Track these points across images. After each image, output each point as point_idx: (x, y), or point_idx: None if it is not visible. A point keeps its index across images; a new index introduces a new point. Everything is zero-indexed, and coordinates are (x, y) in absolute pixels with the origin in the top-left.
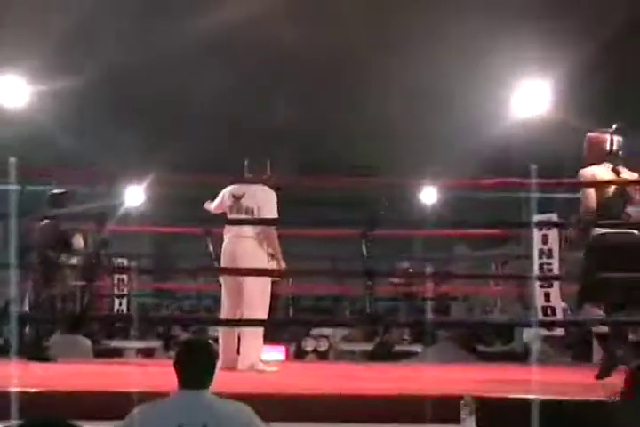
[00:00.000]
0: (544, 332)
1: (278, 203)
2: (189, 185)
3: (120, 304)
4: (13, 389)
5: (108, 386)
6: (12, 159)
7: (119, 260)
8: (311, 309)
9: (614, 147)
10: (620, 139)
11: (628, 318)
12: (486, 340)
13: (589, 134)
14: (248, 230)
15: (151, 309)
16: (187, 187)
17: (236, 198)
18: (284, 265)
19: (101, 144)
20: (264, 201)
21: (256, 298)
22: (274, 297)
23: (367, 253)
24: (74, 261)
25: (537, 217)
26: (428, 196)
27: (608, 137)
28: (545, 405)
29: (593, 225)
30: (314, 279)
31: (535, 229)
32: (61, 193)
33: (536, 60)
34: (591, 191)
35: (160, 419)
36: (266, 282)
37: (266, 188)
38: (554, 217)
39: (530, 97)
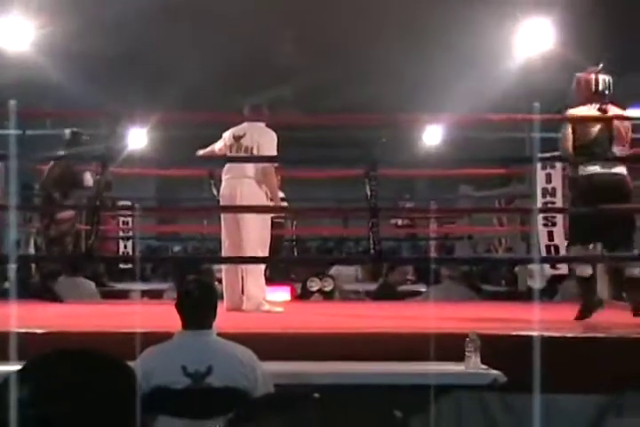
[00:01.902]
0: (549, 270)
1: (279, 144)
2: (192, 125)
3: (125, 247)
4: (19, 329)
5: (114, 326)
6: (13, 102)
7: (123, 203)
8: (316, 250)
9: (600, 86)
10: (607, 77)
11: (623, 254)
12: (491, 279)
13: (577, 75)
14: (247, 170)
15: (156, 251)
16: (190, 128)
17: (236, 138)
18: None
19: (105, 89)
20: (263, 140)
21: (255, 238)
22: (278, 239)
23: (371, 194)
24: (82, 201)
25: (540, 155)
26: (432, 136)
27: (593, 76)
28: (550, 342)
29: (579, 165)
30: (318, 222)
31: (539, 168)
32: (79, 132)
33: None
34: (568, 133)
35: (165, 361)
36: (265, 222)
37: (266, 128)
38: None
39: (532, 35)
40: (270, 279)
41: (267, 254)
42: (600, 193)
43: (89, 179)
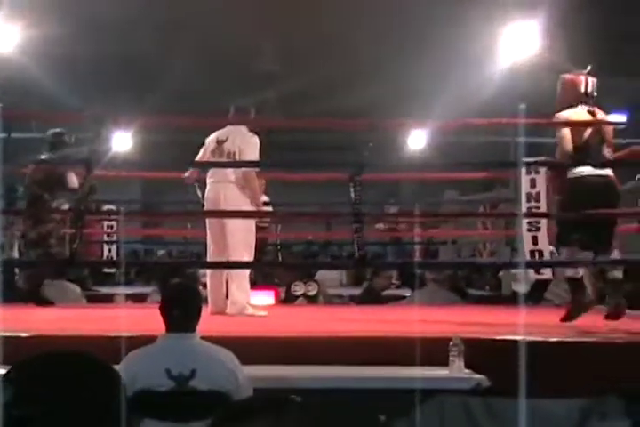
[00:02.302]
0: (533, 275)
1: (262, 147)
2: (176, 128)
3: (109, 251)
4: (4, 333)
5: (99, 330)
6: None
7: (108, 206)
8: (300, 254)
9: (589, 88)
10: (595, 80)
11: (610, 258)
12: (475, 283)
13: (563, 76)
14: (229, 175)
15: (140, 255)
16: (174, 132)
17: (219, 142)
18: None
19: (89, 92)
20: (245, 144)
21: (240, 242)
22: (263, 243)
23: (355, 198)
24: (66, 206)
25: (525, 160)
26: (417, 140)
27: (583, 78)
28: (533, 346)
29: (570, 167)
30: (303, 226)
31: (523, 173)
32: (62, 133)
33: (524, 1)
34: (567, 134)
35: (149, 364)
36: (249, 226)
37: (248, 132)
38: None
39: (518, 39)
40: (254, 283)
41: (252, 258)
42: (590, 194)
43: (74, 180)
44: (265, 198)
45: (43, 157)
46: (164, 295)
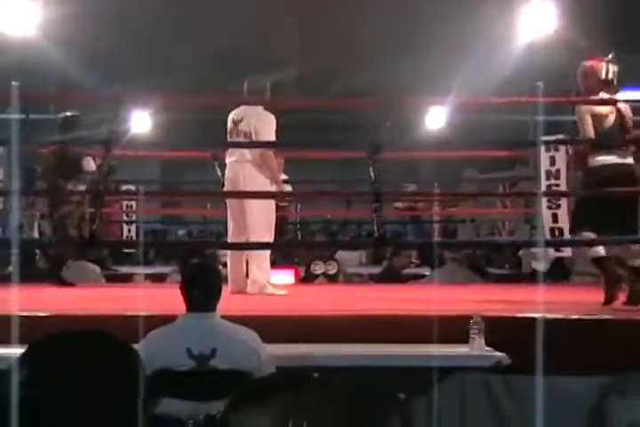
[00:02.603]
0: (552, 253)
1: (279, 126)
2: (194, 108)
3: (129, 231)
4: (23, 313)
5: (118, 310)
6: (15, 83)
7: (127, 186)
8: (319, 232)
9: (610, 76)
10: (616, 68)
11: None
12: (495, 262)
13: (584, 64)
14: (246, 154)
15: (160, 235)
16: (193, 112)
17: (235, 123)
18: (285, 189)
19: (108, 73)
20: (261, 124)
21: (260, 222)
22: (282, 222)
23: (375, 177)
24: (82, 187)
25: (544, 138)
26: (436, 119)
27: (604, 65)
28: (553, 324)
29: (591, 152)
30: (322, 205)
31: (542, 151)
32: (73, 115)
33: None
34: (588, 118)
35: (170, 344)
36: (269, 206)
37: (264, 111)
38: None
39: (537, 17)
40: (274, 262)
41: (272, 238)
42: (615, 183)
43: (90, 164)
44: (284, 177)
45: (57, 139)
46: (184, 275)
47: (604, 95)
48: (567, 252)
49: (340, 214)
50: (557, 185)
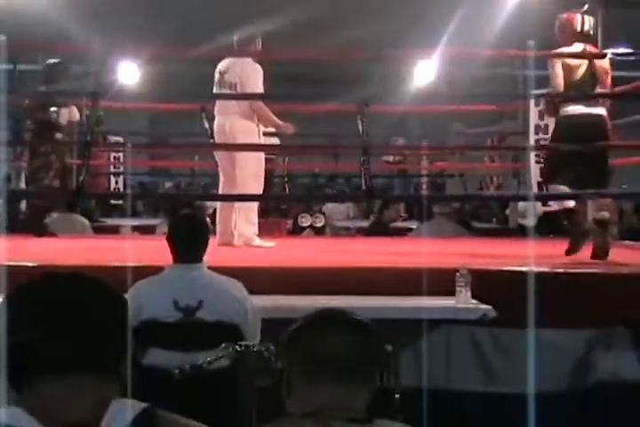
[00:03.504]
0: (540, 208)
1: (266, 79)
2: (183, 60)
3: (116, 182)
4: (10, 263)
5: (105, 260)
6: (2, 37)
7: (115, 138)
8: (307, 186)
9: (585, 27)
10: (592, 19)
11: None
12: (482, 217)
13: (560, 15)
14: (234, 106)
15: (148, 187)
16: (182, 63)
17: (221, 74)
18: (291, 128)
19: (96, 24)
20: (246, 75)
21: (249, 174)
22: (269, 174)
23: (363, 130)
24: (59, 136)
25: (534, 92)
26: (424, 73)
27: (579, 17)
28: (540, 277)
29: (560, 102)
30: (310, 158)
31: (532, 105)
32: (57, 64)
33: None
34: (559, 68)
35: (156, 295)
36: (258, 158)
37: (251, 62)
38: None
39: None
40: (267, 214)
41: (261, 190)
42: (581, 132)
43: (74, 114)
44: (272, 129)
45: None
46: (171, 226)
47: (578, 46)
48: (554, 206)
49: (329, 168)
50: (546, 139)
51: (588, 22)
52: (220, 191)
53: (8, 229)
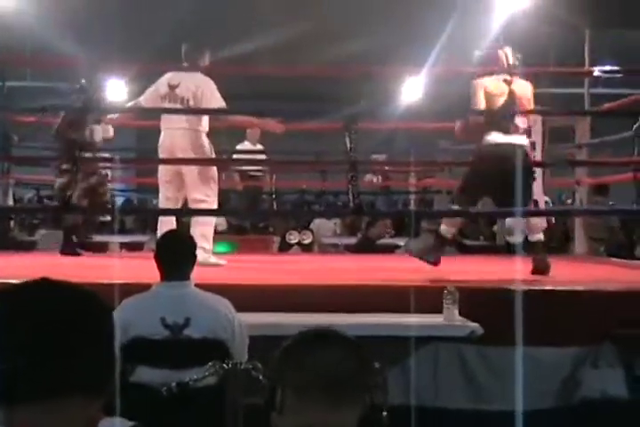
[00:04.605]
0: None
1: (254, 94)
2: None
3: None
4: None
5: (93, 277)
6: None
7: (102, 154)
8: (295, 203)
9: (510, 60)
10: (512, 50)
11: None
12: (470, 234)
13: (486, 50)
14: (182, 121)
15: (137, 203)
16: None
17: (171, 88)
18: (280, 126)
19: (84, 41)
20: (200, 90)
21: (202, 188)
22: (257, 191)
23: (350, 147)
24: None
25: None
26: (412, 90)
27: (503, 52)
28: (526, 295)
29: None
30: (297, 176)
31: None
32: (92, 82)
33: None
34: (479, 96)
35: (144, 312)
36: (211, 173)
37: (202, 76)
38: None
39: None
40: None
41: (216, 202)
42: (499, 162)
43: (99, 134)
44: (259, 147)
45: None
46: (158, 244)
47: (499, 77)
48: (542, 223)
49: (316, 185)
50: (533, 156)
51: (510, 55)
52: (163, 203)
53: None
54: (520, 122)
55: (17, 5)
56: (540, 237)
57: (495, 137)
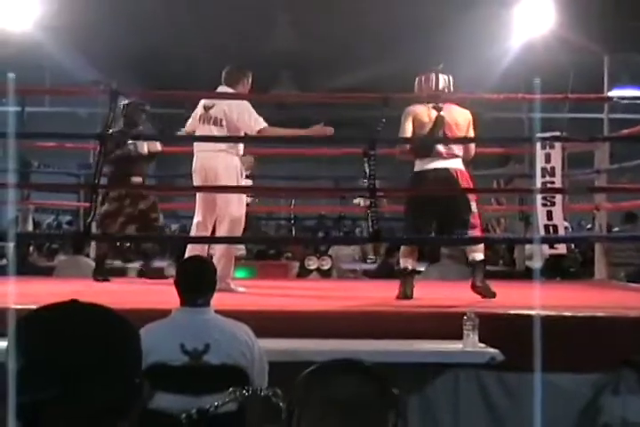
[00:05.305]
0: (547, 250)
1: (272, 122)
2: (189, 102)
3: None
4: (15, 306)
5: (111, 303)
6: (11, 75)
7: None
8: (313, 228)
9: (440, 85)
10: (447, 77)
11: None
12: (489, 259)
13: (419, 74)
14: (216, 144)
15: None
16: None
17: (206, 109)
18: (328, 129)
19: (102, 68)
20: (231, 109)
21: (231, 215)
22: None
23: (370, 173)
24: (136, 180)
25: (540, 135)
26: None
27: (433, 75)
28: (547, 321)
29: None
30: (316, 201)
31: (538, 148)
32: (134, 103)
33: None
34: (409, 124)
35: (163, 338)
36: (241, 198)
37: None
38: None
39: (533, 15)
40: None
41: (241, 231)
42: (432, 185)
43: (145, 147)
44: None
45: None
46: (178, 270)
47: (428, 105)
48: (562, 249)
49: (335, 211)
50: (552, 182)
51: (443, 80)
52: (193, 233)
53: (16, 271)
54: (455, 148)
55: (34, 32)
56: (480, 256)
57: (423, 163)
